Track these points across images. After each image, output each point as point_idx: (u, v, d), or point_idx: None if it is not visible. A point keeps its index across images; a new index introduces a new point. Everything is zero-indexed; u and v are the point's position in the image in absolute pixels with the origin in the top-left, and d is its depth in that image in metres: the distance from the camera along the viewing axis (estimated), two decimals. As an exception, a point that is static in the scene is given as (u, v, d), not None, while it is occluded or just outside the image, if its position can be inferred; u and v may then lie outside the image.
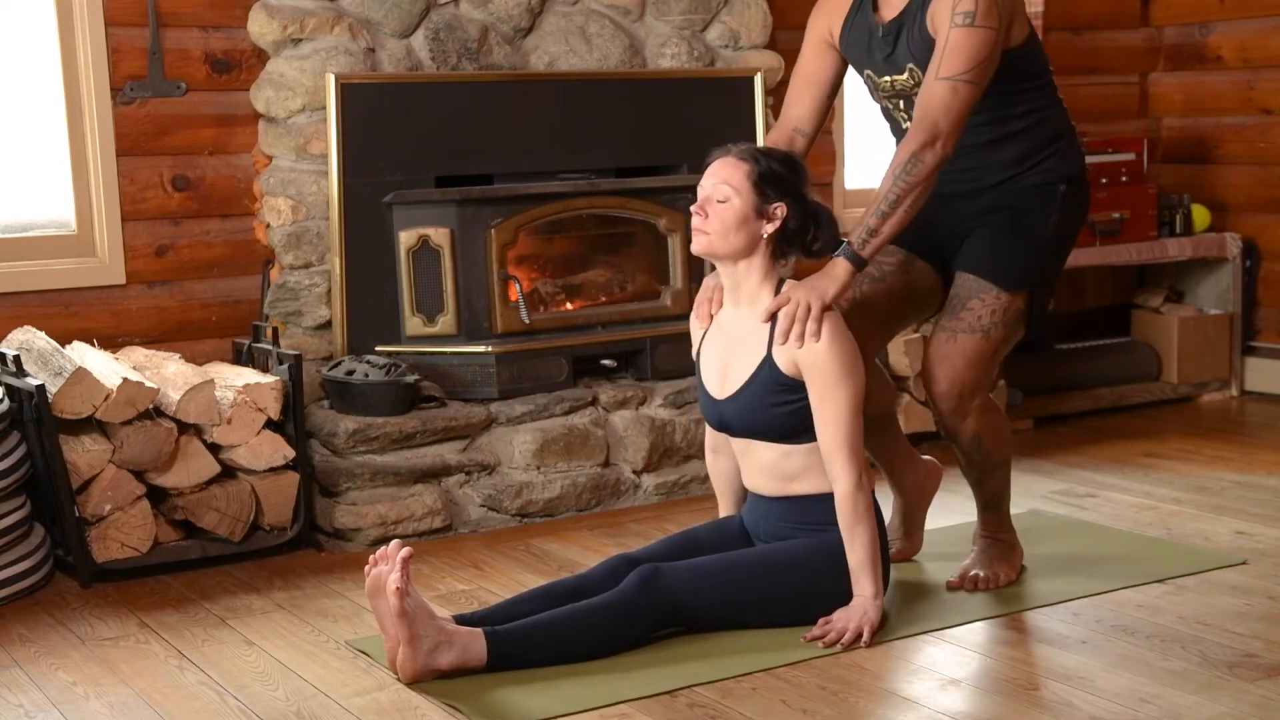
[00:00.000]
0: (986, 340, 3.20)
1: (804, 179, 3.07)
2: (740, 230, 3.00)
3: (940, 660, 2.91)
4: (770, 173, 3.01)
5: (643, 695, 2.74)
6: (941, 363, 3.21)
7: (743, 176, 3.01)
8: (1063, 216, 3.27)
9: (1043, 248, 3.27)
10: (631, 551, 3.13)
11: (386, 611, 2.80)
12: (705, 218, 3.02)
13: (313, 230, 4.18)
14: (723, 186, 3.01)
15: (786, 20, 5.00)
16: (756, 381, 3.04)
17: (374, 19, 4.23)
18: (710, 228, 3.01)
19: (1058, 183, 3.25)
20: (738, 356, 3.09)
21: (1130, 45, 5.74)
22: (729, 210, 3.00)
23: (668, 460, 4.27)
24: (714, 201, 3.02)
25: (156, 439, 3.58)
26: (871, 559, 3.00)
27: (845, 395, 2.97)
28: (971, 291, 3.21)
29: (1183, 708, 2.62)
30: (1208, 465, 4.44)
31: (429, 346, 4.19)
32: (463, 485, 4.01)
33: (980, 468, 3.33)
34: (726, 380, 3.10)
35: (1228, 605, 3.16)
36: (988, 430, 3.28)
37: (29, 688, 2.90)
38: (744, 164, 3.02)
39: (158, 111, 4.10)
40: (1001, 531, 3.42)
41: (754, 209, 3.00)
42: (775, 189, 3.01)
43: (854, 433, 2.98)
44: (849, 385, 2.97)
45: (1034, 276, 3.26)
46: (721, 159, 3.06)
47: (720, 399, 3.11)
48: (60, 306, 4.02)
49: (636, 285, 4.57)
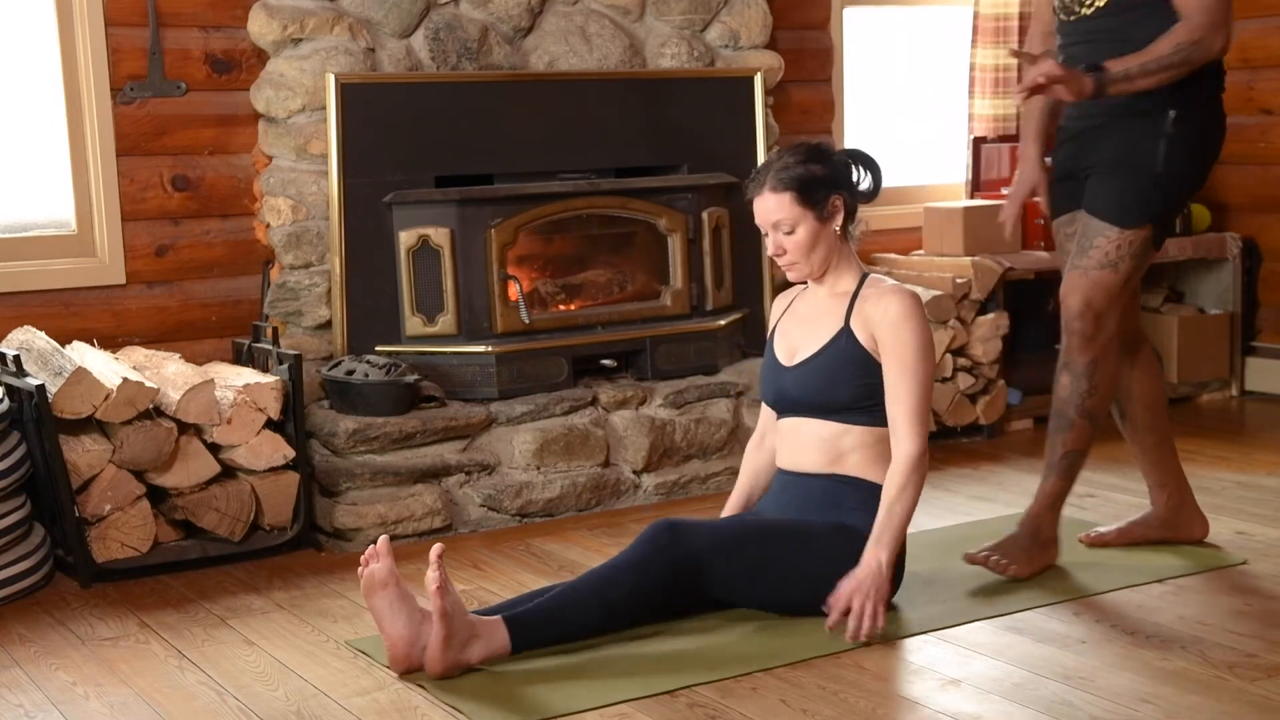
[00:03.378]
0: (1115, 273, 3.33)
1: (828, 158, 3.15)
2: (819, 245, 3.13)
3: (940, 660, 2.91)
4: (806, 182, 3.10)
5: (643, 695, 2.74)
6: (1073, 293, 3.36)
7: (790, 203, 3.10)
8: (1173, 145, 3.30)
9: (1156, 180, 3.32)
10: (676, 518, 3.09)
11: (385, 610, 2.83)
12: (785, 253, 3.14)
13: (313, 230, 4.18)
14: (782, 223, 3.11)
15: (786, 20, 5.01)
16: (830, 350, 3.13)
17: (374, 19, 4.23)
18: (796, 259, 3.14)
19: (1165, 109, 3.27)
20: (813, 329, 3.18)
21: (1130, 45, 5.74)
22: (800, 237, 3.12)
23: (668, 460, 4.27)
24: (782, 236, 3.12)
25: (156, 439, 3.58)
26: (900, 530, 3.03)
27: (923, 371, 3.07)
28: (1096, 231, 3.34)
29: (1182, 708, 2.62)
30: (1208, 465, 4.44)
31: (429, 346, 4.19)
32: (463, 485, 4.01)
33: (1079, 407, 3.39)
34: (797, 351, 3.19)
35: (1228, 605, 3.16)
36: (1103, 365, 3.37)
37: (29, 688, 2.90)
38: (783, 192, 3.10)
39: (158, 111, 4.10)
40: (1046, 527, 3.45)
41: (816, 220, 3.11)
42: (820, 191, 3.11)
43: (925, 407, 3.08)
44: (928, 363, 3.08)
45: (1151, 210, 3.33)
46: (759, 197, 3.15)
47: (787, 365, 3.18)
48: (60, 306, 4.03)
49: (636, 285, 4.57)
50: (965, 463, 4.59)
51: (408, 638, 2.83)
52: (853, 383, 3.10)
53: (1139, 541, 3.63)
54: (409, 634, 2.83)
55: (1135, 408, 3.61)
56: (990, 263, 4.91)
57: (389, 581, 2.83)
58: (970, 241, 4.99)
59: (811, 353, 3.15)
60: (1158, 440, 3.63)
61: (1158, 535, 3.64)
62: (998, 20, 5.30)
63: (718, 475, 4.32)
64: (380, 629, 2.87)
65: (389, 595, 2.83)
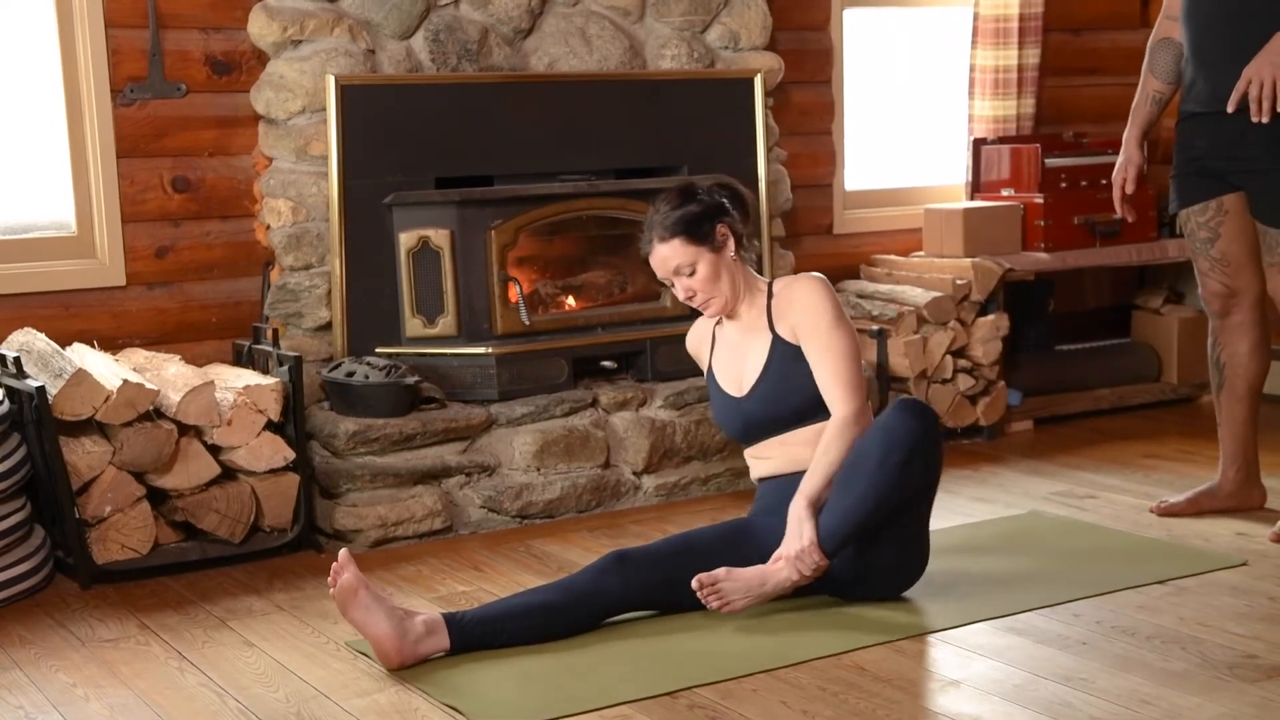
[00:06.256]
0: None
1: (698, 194, 3.24)
2: (723, 275, 3.24)
3: (941, 661, 2.91)
4: (689, 223, 3.20)
5: (643, 696, 2.74)
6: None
7: (681, 246, 3.21)
8: None
9: None
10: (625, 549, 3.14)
11: (363, 616, 2.89)
12: (695, 293, 3.24)
13: (313, 232, 4.18)
14: (682, 267, 3.20)
15: (786, 21, 5.01)
16: (772, 365, 3.19)
17: (374, 20, 4.23)
18: (708, 293, 3.25)
19: None
20: (747, 352, 3.24)
21: (1130, 45, 5.73)
22: (703, 273, 3.22)
23: (668, 461, 4.26)
24: (686, 279, 3.21)
25: (157, 440, 3.58)
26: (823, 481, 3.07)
27: (841, 341, 3.15)
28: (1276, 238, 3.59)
29: (1183, 709, 2.62)
30: (1208, 466, 4.43)
31: (429, 348, 4.19)
32: (463, 487, 4.01)
33: None
34: (743, 378, 3.23)
35: (1228, 606, 3.16)
36: None
37: (29, 689, 2.90)
38: (670, 240, 3.21)
39: (158, 113, 4.11)
40: None
41: (711, 253, 3.21)
42: (704, 225, 3.21)
43: (852, 370, 3.14)
44: (842, 332, 3.15)
45: None
46: (652, 252, 3.25)
47: (741, 396, 3.22)
48: (60, 308, 4.03)
49: (636, 286, 4.57)
50: (965, 464, 4.59)
51: (393, 635, 2.87)
52: (807, 382, 3.17)
53: (1206, 511, 3.87)
54: (393, 631, 2.88)
55: (1239, 381, 3.81)
56: (990, 264, 4.91)
57: (358, 589, 2.89)
58: (970, 243, 4.99)
59: (758, 375, 3.22)
60: (1247, 416, 3.84)
61: (1224, 505, 3.89)
62: (998, 21, 5.30)
63: (718, 476, 4.32)
64: (366, 635, 2.91)
65: (362, 602, 2.89)
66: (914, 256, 5.19)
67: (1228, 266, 3.74)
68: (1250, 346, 3.78)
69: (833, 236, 5.25)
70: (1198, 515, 3.86)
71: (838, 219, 5.26)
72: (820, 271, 3.41)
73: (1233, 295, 3.76)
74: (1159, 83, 3.85)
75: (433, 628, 2.93)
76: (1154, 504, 3.94)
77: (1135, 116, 3.89)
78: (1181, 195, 3.79)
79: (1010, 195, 5.22)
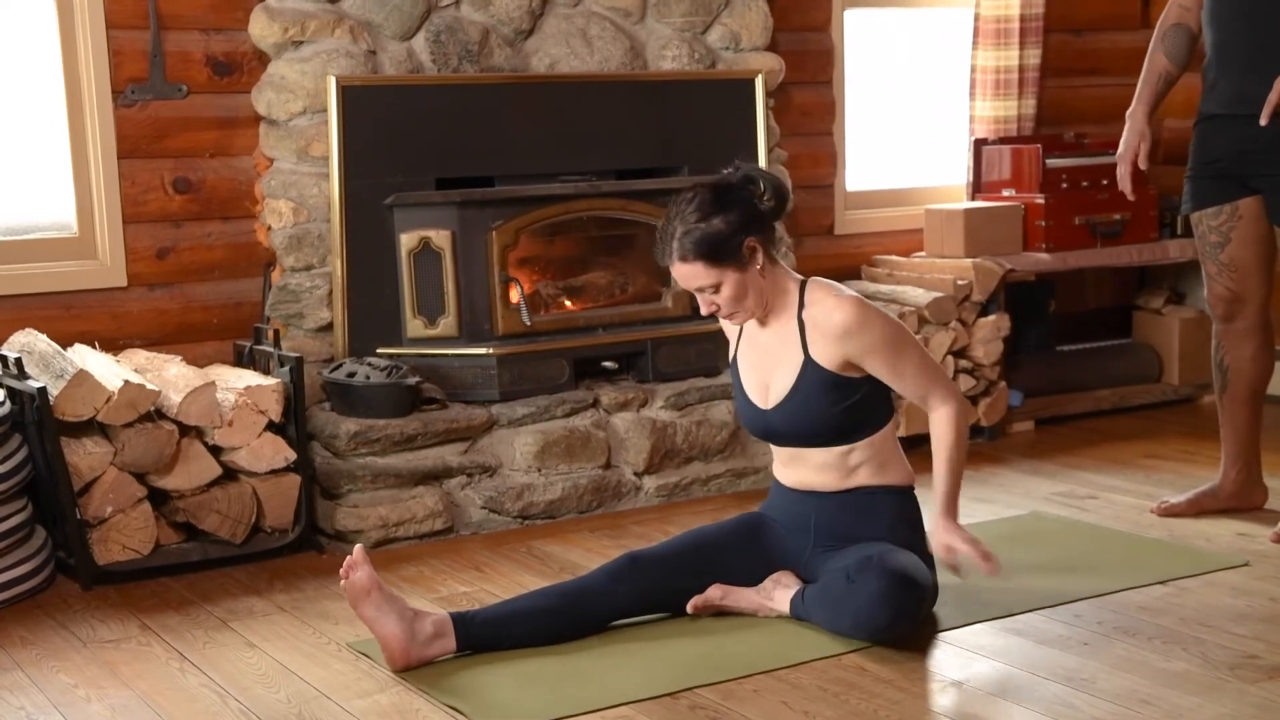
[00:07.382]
0: None
1: (725, 200, 3.03)
2: (750, 290, 3.06)
3: (941, 662, 2.91)
4: (713, 246, 2.99)
5: (644, 697, 2.74)
6: None
7: (704, 270, 3.01)
8: None
9: None
10: (637, 551, 3.15)
11: (374, 614, 2.88)
12: (719, 308, 3.08)
13: (314, 232, 4.18)
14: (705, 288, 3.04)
15: (787, 22, 5.01)
16: (802, 387, 3.07)
17: (375, 21, 4.23)
18: (732, 309, 3.08)
19: None
20: (777, 362, 3.12)
21: (1130, 46, 5.73)
22: (728, 292, 3.04)
23: (669, 462, 4.26)
24: (710, 295, 3.06)
25: (158, 441, 3.58)
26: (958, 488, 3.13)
27: (907, 351, 3.05)
28: None
29: (1184, 709, 2.62)
30: (1209, 466, 4.42)
31: (430, 348, 4.19)
32: (464, 487, 4.01)
33: None
34: (770, 391, 3.13)
35: (1229, 607, 3.16)
36: None
37: (30, 690, 2.90)
38: (693, 262, 3.01)
39: (159, 114, 4.11)
40: None
41: (737, 271, 3.02)
42: (729, 245, 3.00)
43: (932, 367, 3.10)
44: (903, 342, 3.06)
45: None
46: (673, 266, 3.05)
47: (766, 409, 3.14)
48: (61, 309, 4.03)
49: (637, 287, 4.57)
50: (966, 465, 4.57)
51: (402, 636, 2.88)
52: (836, 409, 3.06)
53: (1207, 511, 3.87)
54: (402, 632, 2.88)
55: (1242, 385, 3.81)
56: (991, 264, 4.91)
57: (371, 587, 2.89)
58: (971, 243, 4.99)
59: (785, 392, 3.10)
60: (1249, 418, 3.85)
61: (1225, 505, 3.89)
62: (998, 22, 5.30)
63: (719, 477, 4.32)
64: (374, 633, 2.91)
65: (375, 600, 2.89)
66: (915, 257, 5.19)
67: (1235, 272, 3.73)
68: (1254, 351, 3.78)
69: (834, 237, 5.25)
70: (1199, 516, 3.86)
71: (839, 219, 5.26)
72: (821, 273, 3.40)
73: (1238, 300, 3.75)
74: (1170, 64, 3.80)
75: (441, 630, 2.93)
76: (1155, 504, 3.94)
77: (1143, 93, 3.84)
78: (1195, 197, 3.77)
79: (1011, 196, 5.22)
